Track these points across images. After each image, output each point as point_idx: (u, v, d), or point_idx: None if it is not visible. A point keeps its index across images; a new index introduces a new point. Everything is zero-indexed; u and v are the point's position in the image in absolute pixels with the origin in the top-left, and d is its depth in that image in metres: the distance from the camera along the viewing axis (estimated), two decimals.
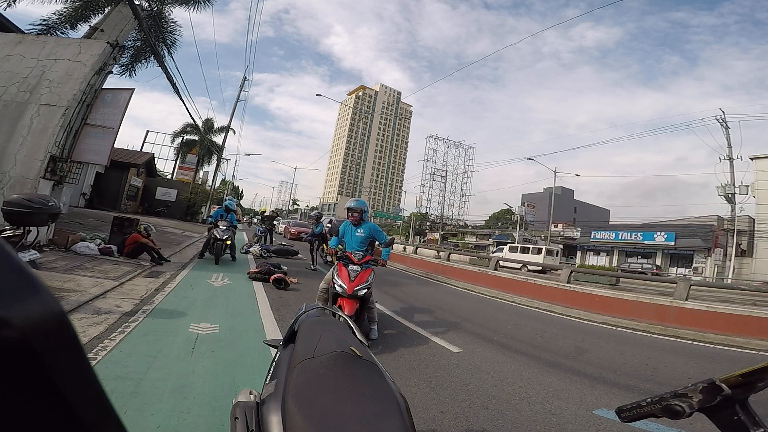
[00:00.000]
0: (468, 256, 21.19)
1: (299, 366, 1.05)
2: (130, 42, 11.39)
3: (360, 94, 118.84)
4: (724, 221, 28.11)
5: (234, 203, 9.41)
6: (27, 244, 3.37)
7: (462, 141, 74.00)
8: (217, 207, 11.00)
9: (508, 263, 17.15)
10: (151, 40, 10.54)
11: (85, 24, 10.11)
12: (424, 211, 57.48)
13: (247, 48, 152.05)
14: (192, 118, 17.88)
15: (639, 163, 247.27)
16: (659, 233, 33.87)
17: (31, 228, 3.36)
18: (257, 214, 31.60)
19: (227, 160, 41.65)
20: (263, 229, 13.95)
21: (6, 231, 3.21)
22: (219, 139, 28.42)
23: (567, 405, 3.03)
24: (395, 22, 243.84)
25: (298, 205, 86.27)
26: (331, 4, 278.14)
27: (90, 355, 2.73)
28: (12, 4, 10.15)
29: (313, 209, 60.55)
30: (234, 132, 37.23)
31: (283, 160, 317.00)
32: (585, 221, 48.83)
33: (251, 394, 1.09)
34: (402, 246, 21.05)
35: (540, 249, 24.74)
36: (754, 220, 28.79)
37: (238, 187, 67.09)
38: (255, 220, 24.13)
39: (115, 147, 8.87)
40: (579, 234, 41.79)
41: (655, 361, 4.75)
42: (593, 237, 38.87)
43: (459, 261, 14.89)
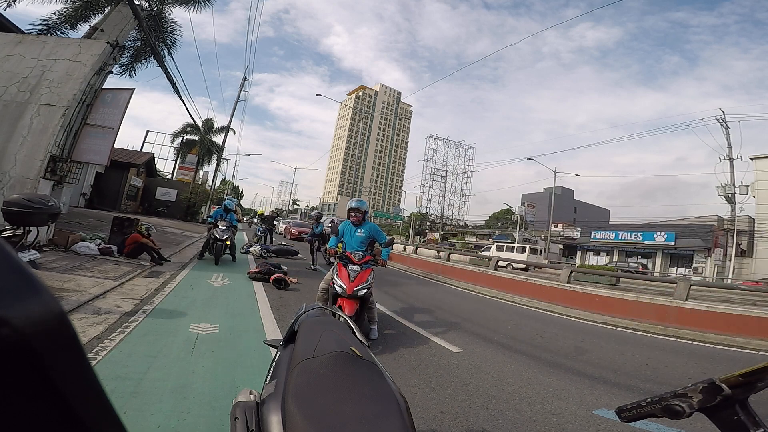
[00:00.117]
0: (467, 255, 21.42)
1: (299, 366, 1.05)
2: (130, 42, 11.40)
3: (360, 94, 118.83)
4: (724, 221, 28.12)
5: (233, 203, 9.31)
6: (27, 244, 3.36)
7: (462, 141, 74.12)
8: (217, 207, 10.95)
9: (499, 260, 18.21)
10: (151, 40, 10.54)
11: (85, 24, 10.12)
12: (424, 211, 57.48)
13: (247, 48, 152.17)
14: (192, 118, 17.90)
15: (639, 163, 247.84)
16: (659, 233, 33.88)
17: (31, 228, 3.36)
18: (255, 215, 31.65)
19: (227, 160, 41.72)
20: (263, 229, 13.96)
21: (6, 231, 3.21)
22: (219, 139, 28.47)
23: (567, 405, 3.03)
24: (395, 22, 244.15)
25: (298, 205, 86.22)
26: (331, 4, 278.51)
27: (90, 355, 2.73)
28: (12, 4, 10.16)
29: (313, 209, 60.59)
30: (234, 132, 37.32)
31: (283, 160, 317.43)
32: (585, 221, 48.85)
33: (251, 394, 1.09)
34: (402, 246, 21.09)
35: (524, 248, 27.07)
36: (754, 220, 28.83)
37: (238, 187, 67.09)
38: (255, 220, 24.17)
39: (115, 147, 8.87)
40: (579, 234, 41.84)
41: (655, 361, 4.75)
42: (593, 237, 38.89)
43: (459, 261, 14.90)
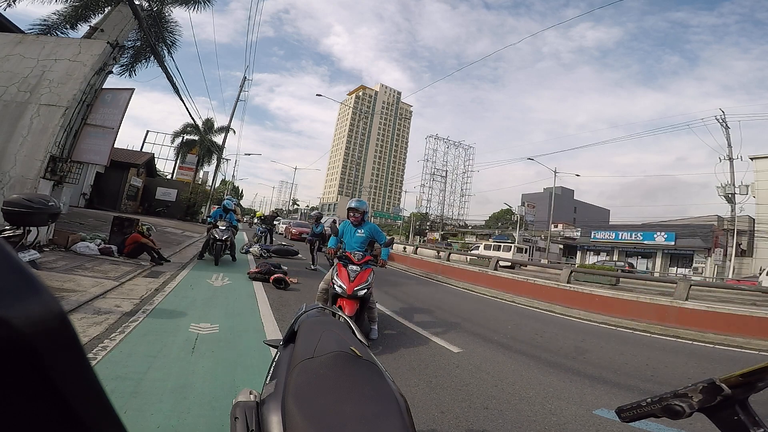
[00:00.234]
0: (464, 255, 21.65)
1: (299, 366, 1.05)
2: (130, 42, 11.40)
3: (360, 94, 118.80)
4: (724, 221, 28.13)
5: (232, 203, 9.25)
6: (27, 244, 3.36)
7: (462, 141, 73.98)
8: (217, 207, 10.92)
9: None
10: (151, 40, 10.54)
11: (85, 24, 10.12)
12: (424, 211, 57.46)
13: (247, 48, 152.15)
14: (192, 118, 17.91)
15: (639, 163, 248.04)
16: (659, 233, 33.86)
17: (31, 228, 3.36)
18: (254, 215, 31.69)
19: (227, 160, 41.72)
20: (263, 229, 13.96)
21: (6, 231, 3.21)
22: (219, 139, 28.49)
23: (567, 405, 3.03)
24: (395, 22, 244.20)
25: (298, 205, 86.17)
26: (331, 4, 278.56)
27: (90, 355, 2.73)
28: (12, 4, 10.16)
29: (313, 209, 60.53)
30: (234, 132, 37.35)
31: (283, 160, 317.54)
32: (585, 221, 48.84)
33: (251, 394, 1.09)
34: (402, 246, 21.10)
35: (510, 246, 28.50)
36: (754, 220, 28.83)
37: (238, 187, 67.04)
38: (255, 220, 24.22)
39: (115, 147, 8.86)
40: (579, 234, 41.83)
41: (655, 361, 4.75)
42: (593, 237, 38.87)
43: (458, 261, 14.92)
